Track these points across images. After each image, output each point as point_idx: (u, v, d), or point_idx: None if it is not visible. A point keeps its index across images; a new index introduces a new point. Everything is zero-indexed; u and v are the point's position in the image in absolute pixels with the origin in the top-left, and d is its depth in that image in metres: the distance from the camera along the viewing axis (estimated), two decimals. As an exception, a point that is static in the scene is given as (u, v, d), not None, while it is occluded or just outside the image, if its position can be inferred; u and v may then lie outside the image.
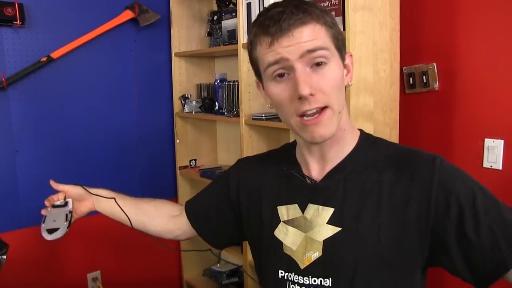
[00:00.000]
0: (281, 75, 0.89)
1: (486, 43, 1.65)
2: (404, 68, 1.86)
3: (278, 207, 1.03)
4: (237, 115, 2.17)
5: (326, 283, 0.93)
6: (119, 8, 2.36)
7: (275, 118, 2.04)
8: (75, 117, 2.30)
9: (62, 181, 2.24)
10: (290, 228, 0.99)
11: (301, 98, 0.86)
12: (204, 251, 1.45)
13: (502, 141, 1.63)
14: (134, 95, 2.48)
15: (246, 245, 2.16)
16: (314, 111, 0.87)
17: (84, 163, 2.35)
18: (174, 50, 2.57)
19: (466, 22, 1.70)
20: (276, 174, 1.07)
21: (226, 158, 2.73)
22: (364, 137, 1.02)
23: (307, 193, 0.99)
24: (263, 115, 2.03)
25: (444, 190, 0.87)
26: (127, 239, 2.51)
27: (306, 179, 1.00)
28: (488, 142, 1.67)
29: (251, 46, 0.94)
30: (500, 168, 1.64)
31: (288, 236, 0.99)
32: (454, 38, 1.73)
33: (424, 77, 1.82)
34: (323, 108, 0.87)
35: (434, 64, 1.79)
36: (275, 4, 0.90)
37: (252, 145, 2.15)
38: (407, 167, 0.92)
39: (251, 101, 2.12)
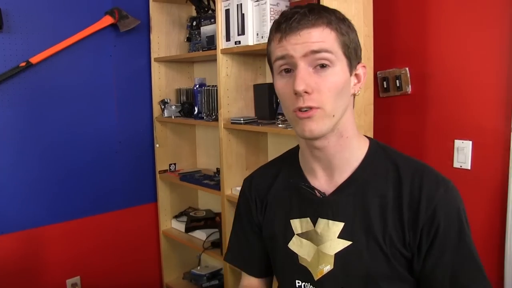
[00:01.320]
0: (287, 71, 0.93)
1: (456, 48, 1.72)
2: (378, 72, 1.93)
3: (291, 221, 1.05)
4: (216, 119, 2.20)
5: None
6: (99, 13, 2.38)
7: (253, 122, 2.08)
8: (55, 122, 2.30)
9: (43, 186, 2.26)
10: (304, 241, 1.03)
11: (296, 93, 0.89)
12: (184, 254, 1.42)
13: (471, 142, 1.70)
14: (114, 100, 2.50)
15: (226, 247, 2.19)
16: (306, 109, 0.90)
17: (65, 167, 2.35)
18: (153, 55, 2.59)
19: (437, 28, 1.77)
20: (284, 186, 1.10)
21: (205, 162, 2.76)
22: (374, 145, 1.03)
23: (316, 207, 1.01)
24: (242, 119, 2.07)
25: (432, 219, 0.92)
26: (107, 244, 2.53)
27: (316, 192, 1.02)
28: (457, 143, 1.73)
29: (268, 42, 0.98)
30: (469, 168, 1.71)
31: (302, 248, 1.03)
32: (425, 44, 1.80)
33: (397, 81, 1.89)
34: (315, 108, 0.90)
35: (407, 68, 1.86)
36: (295, 6, 0.96)
37: (231, 148, 2.18)
38: (411, 185, 0.95)
39: (229, 105, 2.15)
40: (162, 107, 2.58)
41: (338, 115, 0.93)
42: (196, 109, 2.41)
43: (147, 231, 2.70)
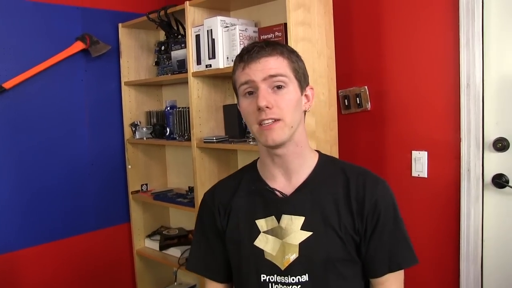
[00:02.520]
0: (250, 93, 1.13)
1: (408, 68, 1.90)
2: (340, 91, 2.08)
3: (257, 221, 1.19)
4: (189, 139, 2.29)
5: (304, 279, 1.13)
6: (70, 39, 2.44)
7: (225, 140, 2.19)
8: (28, 146, 2.33)
9: (14, 210, 2.26)
10: (270, 237, 1.17)
11: (259, 109, 1.09)
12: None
13: (426, 152, 1.87)
14: (86, 123, 2.55)
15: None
16: (269, 121, 1.09)
17: (38, 191, 2.37)
18: (123, 79, 2.67)
19: (391, 50, 1.95)
20: (247, 192, 1.24)
21: (176, 181, 2.83)
22: (323, 156, 1.25)
23: (280, 205, 1.18)
24: (214, 138, 2.17)
25: (374, 208, 1.14)
26: (81, 266, 2.54)
27: (277, 193, 1.19)
28: (414, 154, 1.91)
29: (232, 72, 1.18)
30: (426, 176, 1.88)
31: (268, 244, 1.17)
32: (382, 64, 1.98)
33: (357, 98, 2.05)
34: (276, 120, 1.10)
35: (366, 87, 2.03)
36: (253, 42, 1.18)
37: (204, 166, 2.27)
38: (356, 184, 1.16)
39: (201, 125, 2.26)
40: (133, 129, 2.65)
41: (295, 126, 1.13)
42: (168, 130, 2.49)
43: (121, 251, 2.73)
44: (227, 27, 2.06)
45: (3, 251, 2.26)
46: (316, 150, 1.27)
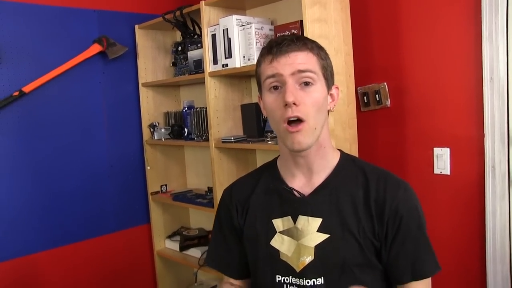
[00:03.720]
0: (275, 88, 1.10)
1: (429, 64, 1.86)
2: (358, 88, 2.05)
3: (273, 220, 1.18)
4: (207, 139, 2.29)
5: (319, 282, 1.11)
6: (87, 42, 2.46)
7: (243, 140, 2.17)
8: (47, 149, 2.35)
9: (35, 213, 2.29)
10: (286, 238, 1.15)
11: (286, 105, 1.05)
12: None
13: (448, 149, 1.83)
14: (104, 125, 2.56)
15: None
16: (295, 119, 1.06)
17: (58, 193, 2.39)
18: (141, 80, 2.67)
19: (410, 45, 1.91)
20: (265, 191, 1.23)
21: (195, 182, 2.83)
22: (344, 156, 1.22)
23: (297, 206, 1.15)
24: (232, 138, 2.16)
25: (396, 212, 1.10)
26: (102, 267, 2.56)
27: (295, 192, 1.16)
28: (436, 151, 1.86)
29: (257, 64, 1.16)
30: (449, 173, 1.83)
31: (284, 245, 1.15)
32: (401, 60, 1.94)
33: (376, 95, 2.01)
34: (301, 121, 1.06)
35: (385, 83, 1.99)
36: (282, 35, 1.14)
37: (222, 166, 2.26)
38: (376, 186, 1.13)
39: (219, 125, 2.25)
40: (152, 130, 2.66)
41: (319, 128, 1.10)
42: (186, 130, 2.49)
43: (141, 252, 2.74)
44: (242, 25, 2.04)
45: (24, 253, 2.28)
46: (338, 149, 1.24)
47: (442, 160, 1.85)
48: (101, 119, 2.55)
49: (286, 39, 1.09)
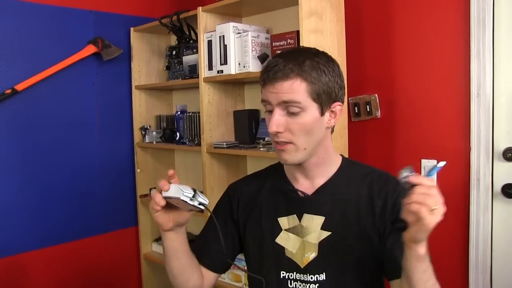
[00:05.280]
0: (269, 111, 1.14)
1: (419, 77, 1.91)
2: (350, 98, 2.10)
3: (279, 219, 1.23)
4: (199, 144, 2.31)
5: (322, 278, 1.17)
6: (82, 42, 2.47)
7: (235, 146, 2.20)
8: (38, 148, 2.35)
9: (23, 212, 2.27)
10: (291, 235, 1.21)
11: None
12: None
13: (436, 161, 1.88)
14: (96, 126, 2.57)
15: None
16: (281, 143, 1.12)
17: (47, 193, 2.39)
18: (134, 83, 2.69)
19: (402, 59, 1.96)
20: (271, 190, 1.28)
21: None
22: (345, 160, 1.27)
23: (302, 205, 1.21)
24: (224, 144, 2.18)
25: (393, 205, 1.15)
26: (88, 269, 2.55)
27: (299, 193, 1.21)
28: (424, 162, 1.91)
29: None
30: (435, 185, 1.88)
31: (289, 242, 1.21)
32: (392, 72, 1.99)
33: (367, 106, 2.06)
34: (288, 143, 1.11)
35: (376, 94, 2.04)
36: (281, 53, 1.15)
37: (213, 172, 2.28)
38: (378, 183, 1.19)
39: (211, 130, 2.27)
40: (143, 133, 2.67)
41: (310, 147, 1.13)
42: (178, 134, 2.51)
43: (128, 255, 2.74)
44: (239, 33, 2.07)
45: (10, 253, 2.27)
46: (340, 154, 1.28)
47: (429, 172, 1.90)
48: (93, 120, 2.56)
49: (277, 64, 1.08)
